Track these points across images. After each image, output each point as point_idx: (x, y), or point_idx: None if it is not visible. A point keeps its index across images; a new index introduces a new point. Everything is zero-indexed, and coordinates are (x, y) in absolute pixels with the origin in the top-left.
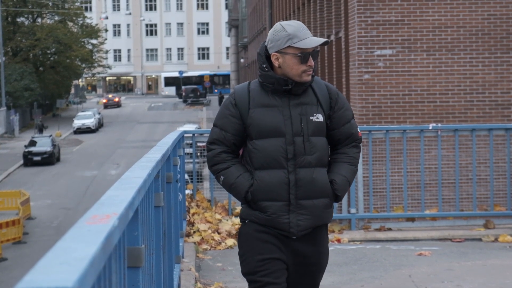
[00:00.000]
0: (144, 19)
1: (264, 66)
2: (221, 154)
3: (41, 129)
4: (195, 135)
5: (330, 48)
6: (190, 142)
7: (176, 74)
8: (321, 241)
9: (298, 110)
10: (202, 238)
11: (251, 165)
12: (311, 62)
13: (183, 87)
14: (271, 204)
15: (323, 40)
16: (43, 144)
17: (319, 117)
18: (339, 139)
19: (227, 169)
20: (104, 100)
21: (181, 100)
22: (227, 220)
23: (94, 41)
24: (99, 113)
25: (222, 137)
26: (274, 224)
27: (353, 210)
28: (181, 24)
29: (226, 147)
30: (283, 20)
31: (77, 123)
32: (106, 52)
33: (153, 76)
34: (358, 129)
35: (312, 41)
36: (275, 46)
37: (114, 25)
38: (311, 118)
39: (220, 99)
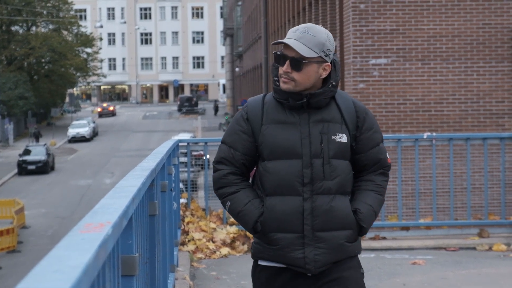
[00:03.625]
0: (139, 28)
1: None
2: (229, 176)
3: (37, 137)
4: (190, 144)
5: None
6: (185, 151)
7: None
8: (348, 276)
9: (319, 128)
10: (197, 247)
11: (262, 190)
12: (285, 67)
13: (179, 96)
14: (283, 237)
15: (279, 41)
16: (38, 153)
17: (343, 137)
18: (365, 164)
19: (234, 193)
20: (99, 109)
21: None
22: (222, 229)
23: (88, 50)
24: (94, 122)
25: (231, 156)
26: (286, 260)
27: None
28: (176, 33)
29: (234, 168)
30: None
31: (71, 132)
32: (101, 61)
33: (147, 85)
34: (388, 155)
35: (279, 41)
36: None
37: (109, 34)
38: (333, 137)
39: (216, 108)
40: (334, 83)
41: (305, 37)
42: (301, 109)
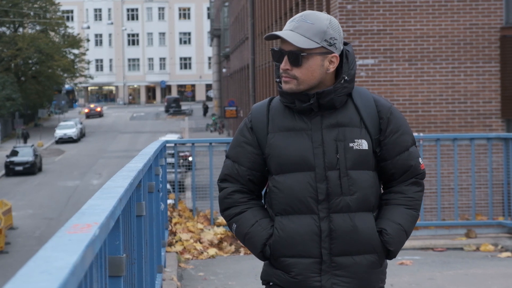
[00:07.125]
0: (126, 29)
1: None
2: (234, 194)
3: (25, 138)
4: (177, 145)
5: None
6: (172, 152)
7: None
8: None
9: (334, 134)
10: (184, 247)
11: (271, 208)
12: (283, 64)
13: (166, 97)
14: (296, 262)
15: (272, 33)
16: (25, 154)
17: (363, 144)
18: (393, 173)
19: (240, 214)
20: (86, 110)
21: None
22: (209, 229)
23: (75, 51)
24: (81, 123)
25: (235, 172)
26: None
27: None
28: (163, 34)
29: (240, 185)
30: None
31: (59, 133)
32: (88, 62)
33: (135, 86)
34: (420, 160)
35: (271, 33)
36: None
37: (96, 35)
38: (351, 145)
39: (205, 109)
40: (347, 78)
41: (302, 26)
42: (311, 112)
